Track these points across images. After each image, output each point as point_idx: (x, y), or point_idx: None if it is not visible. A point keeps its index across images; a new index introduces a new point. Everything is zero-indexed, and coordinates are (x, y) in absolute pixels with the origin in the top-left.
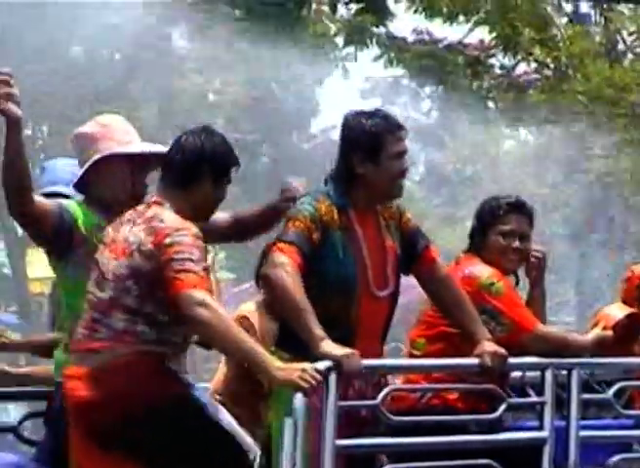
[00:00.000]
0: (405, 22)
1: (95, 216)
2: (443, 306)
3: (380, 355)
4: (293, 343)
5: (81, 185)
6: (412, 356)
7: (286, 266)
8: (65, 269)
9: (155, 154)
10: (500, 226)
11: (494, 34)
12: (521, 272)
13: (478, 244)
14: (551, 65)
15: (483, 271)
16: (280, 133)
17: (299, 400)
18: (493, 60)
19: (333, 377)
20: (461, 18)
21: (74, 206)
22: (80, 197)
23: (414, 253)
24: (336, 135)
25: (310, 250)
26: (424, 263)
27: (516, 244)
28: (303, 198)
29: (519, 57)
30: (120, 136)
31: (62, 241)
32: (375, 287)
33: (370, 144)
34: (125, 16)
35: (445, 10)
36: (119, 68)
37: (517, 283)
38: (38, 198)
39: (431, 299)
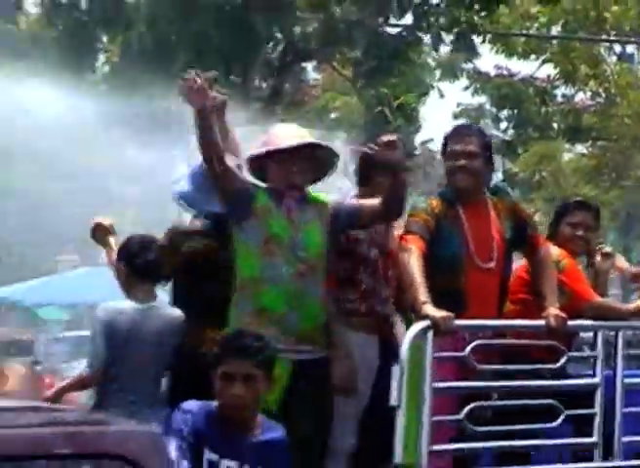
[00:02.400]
0: (488, 60)
1: (268, 200)
2: (534, 277)
3: (496, 316)
4: None
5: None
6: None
7: (410, 251)
8: (239, 234)
9: (300, 148)
10: (568, 218)
11: (557, 70)
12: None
13: (553, 232)
14: (602, 95)
15: (552, 252)
16: None
17: (402, 352)
18: (556, 91)
19: (430, 335)
20: (533, 56)
21: (259, 189)
22: None
23: (522, 238)
24: (433, 146)
25: (428, 235)
26: (529, 246)
27: (580, 233)
28: (423, 198)
29: (577, 88)
30: (273, 139)
31: (240, 208)
32: (479, 260)
33: None
34: None
35: (520, 50)
36: None
37: (589, 265)
38: (232, 166)
39: (530, 271)
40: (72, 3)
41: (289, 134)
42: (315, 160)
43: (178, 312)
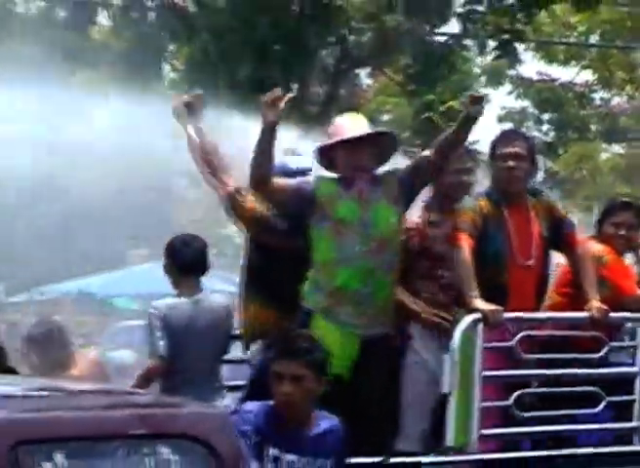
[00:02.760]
0: (531, 66)
1: (336, 187)
2: (574, 273)
3: (534, 310)
4: None
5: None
6: (547, 306)
7: (460, 248)
8: (311, 225)
9: (363, 137)
10: (613, 218)
11: (596, 75)
12: None
13: (598, 230)
14: (638, 98)
15: (596, 248)
16: None
17: (454, 342)
18: (594, 95)
19: (480, 326)
20: (572, 63)
21: (322, 180)
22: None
23: (559, 236)
24: (478, 146)
25: (477, 233)
26: (567, 244)
27: (622, 232)
28: (471, 198)
29: (614, 92)
30: (338, 130)
31: (302, 206)
32: (520, 257)
33: None
34: None
35: (560, 57)
36: None
37: (638, 261)
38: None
39: (569, 267)
40: (141, 16)
41: (353, 124)
42: (378, 145)
43: (223, 300)
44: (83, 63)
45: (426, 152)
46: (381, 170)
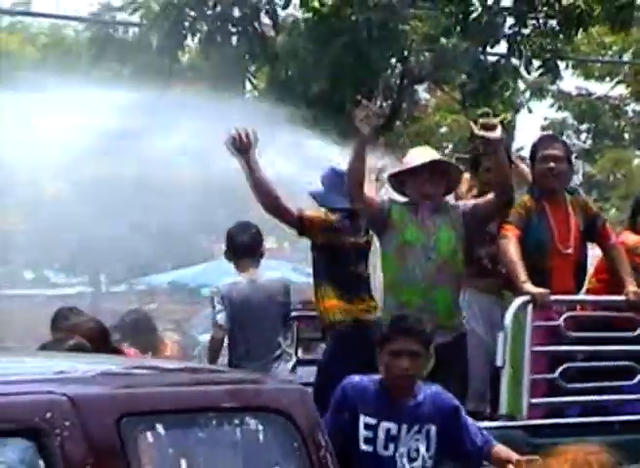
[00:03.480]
0: (570, 82)
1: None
2: (609, 262)
3: (572, 293)
4: None
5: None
6: (587, 290)
7: (508, 238)
8: (380, 242)
9: (432, 165)
10: None
11: (629, 90)
12: None
13: (632, 223)
14: None
15: (630, 239)
16: None
17: (506, 322)
18: (627, 107)
19: (529, 308)
20: (607, 79)
21: (395, 204)
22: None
23: (594, 229)
24: (524, 153)
25: (523, 225)
26: (600, 236)
27: None
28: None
29: None
30: (409, 159)
31: (378, 223)
32: (560, 246)
33: None
34: None
35: (596, 74)
36: None
37: None
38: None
39: (603, 256)
40: (225, 40)
41: (422, 154)
42: (444, 176)
43: (278, 279)
44: (174, 83)
45: (490, 195)
46: (447, 200)
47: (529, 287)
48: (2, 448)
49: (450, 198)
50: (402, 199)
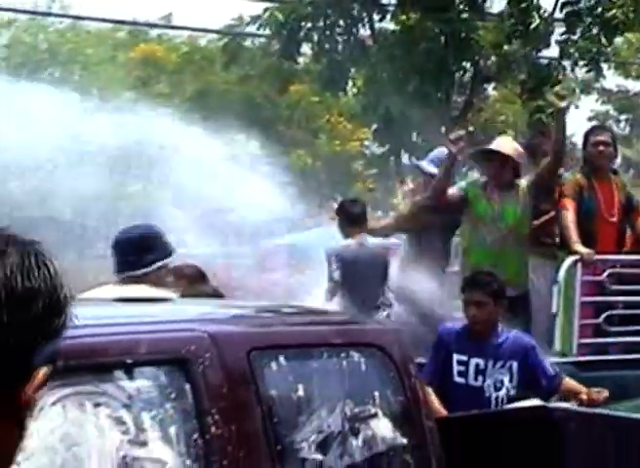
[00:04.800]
0: (612, 80)
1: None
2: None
3: (614, 254)
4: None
5: None
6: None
7: (567, 209)
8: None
9: (498, 153)
10: None
11: None
12: None
13: None
14: None
15: None
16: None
17: (560, 276)
18: None
19: (579, 265)
20: None
21: (470, 184)
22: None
23: (630, 205)
24: (574, 139)
25: (577, 197)
26: (634, 211)
27: None
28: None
29: None
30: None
31: (459, 208)
32: (606, 214)
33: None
34: None
35: (634, 73)
36: None
37: None
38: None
39: (632, 229)
40: (332, 47)
41: (497, 144)
42: (514, 163)
43: (381, 244)
44: (292, 82)
45: (545, 161)
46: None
47: (579, 247)
48: (158, 374)
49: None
50: (477, 177)
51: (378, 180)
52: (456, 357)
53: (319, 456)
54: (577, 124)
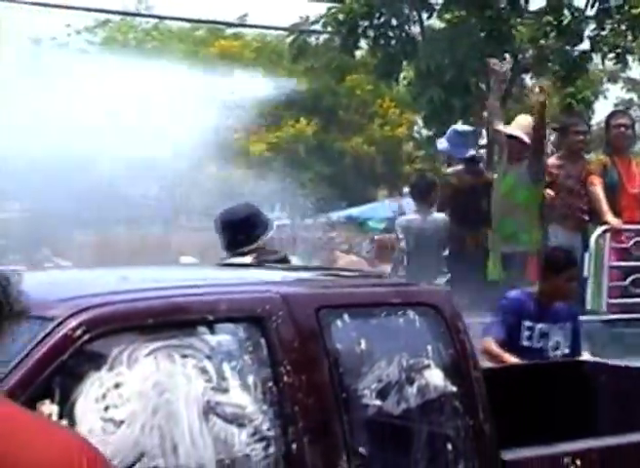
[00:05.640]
0: (636, 71)
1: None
2: None
3: (638, 223)
4: None
5: None
6: None
7: (595, 184)
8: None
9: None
10: None
11: None
12: None
13: None
14: None
15: None
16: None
17: (591, 244)
18: None
19: (608, 234)
20: None
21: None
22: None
23: None
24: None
25: (603, 174)
26: None
27: None
28: (592, 154)
29: None
30: (514, 125)
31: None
32: (629, 187)
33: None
34: None
35: None
36: None
37: None
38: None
39: None
40: (386, 42)
41: (518, 124)
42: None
43: (443, 217)
44: (350, 73)
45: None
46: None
47: (609, 217)
48: (236, 329)
49: None
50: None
51: (425, 162)
52: (524, 323)
53: (379, 402)
54: (604, 110)
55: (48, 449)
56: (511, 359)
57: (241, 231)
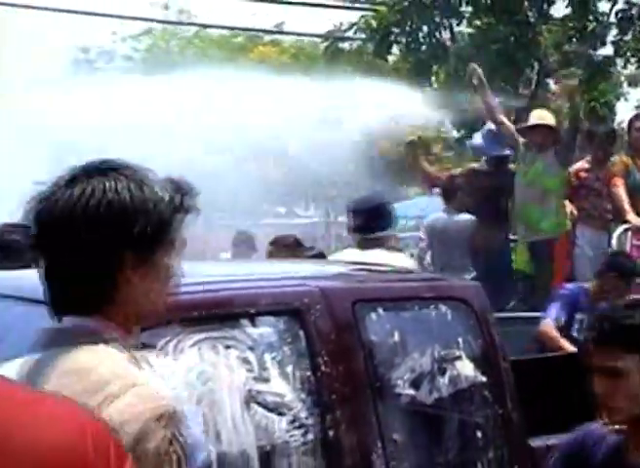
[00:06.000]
0: None
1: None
2: None
3: None
4: None
5: None
6: None
7: (618, 185)
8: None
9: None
10: None
11: None
12: None
13: None
14: None
15: None
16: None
17: (613, 242)
18: None
19: (629, 232)
20: None
21: (521, 144)
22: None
23: None
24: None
25: (625, 175)
26: None
27: None
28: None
29: None
30: (530, 119)
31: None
32: None
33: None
34: None
35: None
36: None
37: None
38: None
39: None
40: (417, 47)
41: (537, 116)
42: (552, 133)
43: (470, 217)
44: (381, 78)
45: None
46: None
47: (631, 216)
48: (277, 322)
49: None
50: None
51: (454, 161)
52: (576, 316)
53: (412, 392)
54: (625, 113)
55: (47, 429)
56: (567, 345)
57: (371, 217)
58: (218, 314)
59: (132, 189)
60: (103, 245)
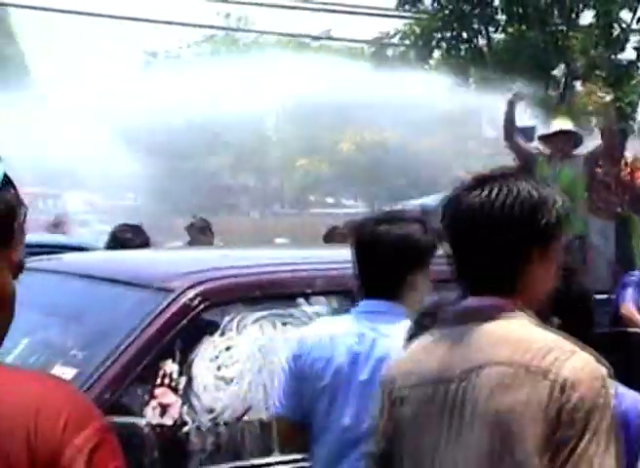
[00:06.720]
0: None
1: (544, 159)
2: None
3: None
4: None
5: None
6: None
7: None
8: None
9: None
10: None
11: None
12: None
13: None
14: None
15: None
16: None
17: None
18: None
19: None
20: None
21: (540, 154)
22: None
23: None
24: None
25: None
26: None
27: None
28: None
29: None
30: (551, 127)
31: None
32: None
33: None
34: None
35: None
36: None
37: None
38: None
39: None
40: (456, 53)
41: (557, 124)
42: (572, 138)
43: None
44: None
45: (597, 148)
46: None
47: None
48: (330, 301)
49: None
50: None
51: (490, 158)
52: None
53: None
54: None
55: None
56: None
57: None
58: (277, 294)
59: (533, 189)
60: (515, 241)
